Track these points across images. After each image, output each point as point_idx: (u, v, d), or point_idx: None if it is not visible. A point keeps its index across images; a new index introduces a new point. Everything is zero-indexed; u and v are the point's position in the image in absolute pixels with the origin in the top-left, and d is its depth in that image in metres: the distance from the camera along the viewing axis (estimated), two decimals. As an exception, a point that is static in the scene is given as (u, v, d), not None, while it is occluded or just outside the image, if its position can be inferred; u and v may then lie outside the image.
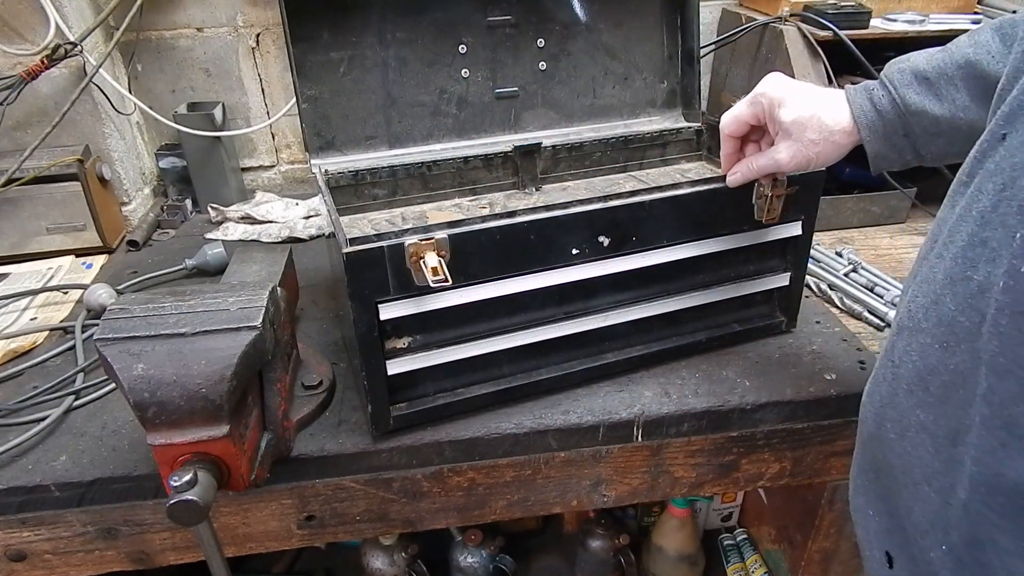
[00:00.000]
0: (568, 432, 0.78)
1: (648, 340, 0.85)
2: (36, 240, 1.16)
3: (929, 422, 0.46)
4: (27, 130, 1.15)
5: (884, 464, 0.52)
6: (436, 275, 0.65)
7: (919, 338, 0.48)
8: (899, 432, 0.50)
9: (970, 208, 0.44)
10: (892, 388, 0.51)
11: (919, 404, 0.47)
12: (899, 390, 0.50)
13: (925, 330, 0.47)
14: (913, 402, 0.48)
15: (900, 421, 0.49)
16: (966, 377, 0.43)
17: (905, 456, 0.49)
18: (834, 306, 1.00)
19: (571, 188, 1.04)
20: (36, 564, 0.76)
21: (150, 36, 1.31)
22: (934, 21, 1.23)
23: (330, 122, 0.93)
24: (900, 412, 0.50)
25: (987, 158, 0.44)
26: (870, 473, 0.56)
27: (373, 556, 1.29)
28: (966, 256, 0.44)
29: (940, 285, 0.46)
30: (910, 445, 0.48)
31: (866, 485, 0.56)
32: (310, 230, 1.24)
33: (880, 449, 0.53)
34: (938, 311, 0.46)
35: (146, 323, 0.60)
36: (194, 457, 0.60)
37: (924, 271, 0.49)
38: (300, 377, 0.81)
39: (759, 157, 0.72)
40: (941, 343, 0.45)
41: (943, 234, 0.48)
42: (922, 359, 0.47)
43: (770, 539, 1.28)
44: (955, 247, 0.45)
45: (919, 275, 0.50)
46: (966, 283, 0.43)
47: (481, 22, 0.95)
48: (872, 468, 0.55)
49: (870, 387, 0.56)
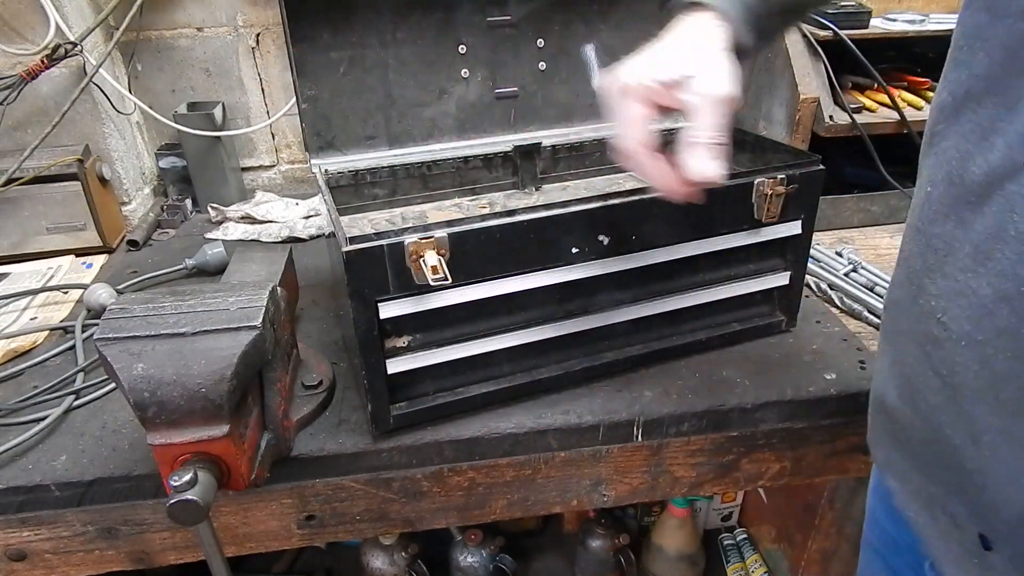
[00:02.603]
0: (568, 432, 0.78)
1: (648, 339, 0.85)
2: (36, 240, 1.16)
3: (1005, 427, 0.46)
4: (27, 130, 1.15)
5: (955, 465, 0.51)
6: (436, 274, 0.65)
7: (976, 349, 0.47)
8: (971, 437, 0.49)
9: (1005, 228, 0.44)
10: (950, 398, 0.50)
11: (992, 412, 0.47)
12: (962, 400, 0.49)
13: (983, 342, 0.46)
14: (985, 410, 0.47)
15: (970, 428, 0.49)
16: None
17: (981, 460, 0.49)
18: (834, 306, 1.00)
19: (571, 188, 1.04)
20: (36, 564, 0.76)
21: (150, 36, 1.31)
22: (934, 21, 1.23)
23: (330, 122, 0.93)
24: (967, 420, 0.49)
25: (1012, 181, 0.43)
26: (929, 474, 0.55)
27: (373, 556, 1.29)
28: (1018, 274, 0.43)
29: (991, 300, 0.45)
30: (987, 449, 0.48)
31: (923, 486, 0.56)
32: (310, 230, 1.24)
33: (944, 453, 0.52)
34: (994, 323, 0.45)
35: (146, 323, 0.60)
36: (194, 457, 0.60)
37: (952, 284, 0.48)
38: (300, 377, 0.81)
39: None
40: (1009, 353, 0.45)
41: (964, 250, 0.47)
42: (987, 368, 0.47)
43: (770, 539, 1.28)
44: (998, 264, 0.44)
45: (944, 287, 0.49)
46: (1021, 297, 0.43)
47: (481, 22, 0.95)
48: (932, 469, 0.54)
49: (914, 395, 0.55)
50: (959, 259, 0.48)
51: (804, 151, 0.84)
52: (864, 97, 1.20)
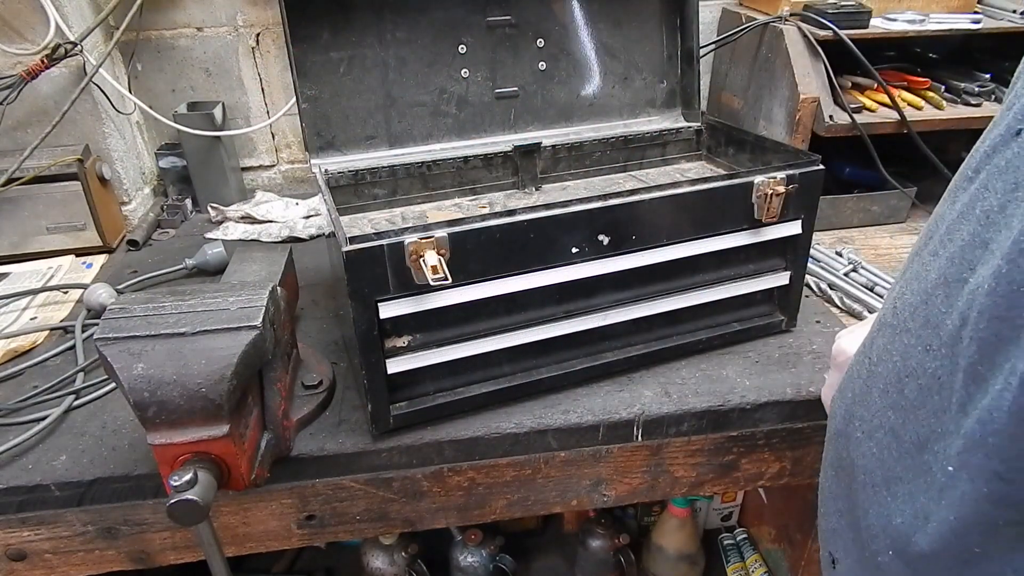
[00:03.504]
0: (568, 432, 0.78)
1: (648, 339, 0.85)
2: (36, 240, 1.16)
3: (899, 425, 0.45)
4: (27, 130, 1.15)
5: (847, 462, 0.51)
6: (436, 273, 0.65)
7: (903, 338, 0.46)
8: (867, 432, 0.48)
9: (973, 206, 0.42)
10: (866, 386, 0.49)
11: (892, 406, 0.46)
12: (874, 389, 0.48)
13: (910, 330, 0.45)
14: (887, 403, 0.46)
15: (870, 421, 0.48)
16: (943, 383, 0.41)
17: (870, 457, 0.47)
18: (834, 306, 1.00)
19: (571, 188, 1.04)
20: (36, 564, 0.76)
21: (150, 36, 1.31)
22: (934, 21, 1.23)
23: (330, 122, 0.93)
24: (871, 412, 0.48)
25: (997, 153, 0.41)
26: (831, 470, 0.54)
27: (373, 556, 1.29)
28: (964, 257, 0.41)
29: (932, 284, 0.43)
30: (876, 447, 0.47)
31: (827, 482, 0.55)
32: (310, 230, 1.24)
33: (846, 447, 0.51)
34: (927, 311, 0.43)
35: (146, 323, 0.60)
36: (194, 457, 0.60)
37: (915, 268, 0.47)
38: (300, 377, 0.81)
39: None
40: (925, 345, 0.43)
41: (940, 230, 0.45)
42: (903, 360, 0.45)
43: (770, 539, 1.28)
44: (953, 246, 0.42)
45: (909, 271, 0.48)
46: (960, 285, 0.41)
47: (481, 22, 0.95)
48: (835, 465, 0.54)
49: (844, 381, 0.54)
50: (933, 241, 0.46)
51: (804, 151, 0.84)
52: (864, 97, 1.20)
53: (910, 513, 0.43)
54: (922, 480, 0.42)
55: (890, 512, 0.45)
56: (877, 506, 0.46)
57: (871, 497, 0.47)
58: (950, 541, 0.40)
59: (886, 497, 0.45)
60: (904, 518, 0.44)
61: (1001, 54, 1.32)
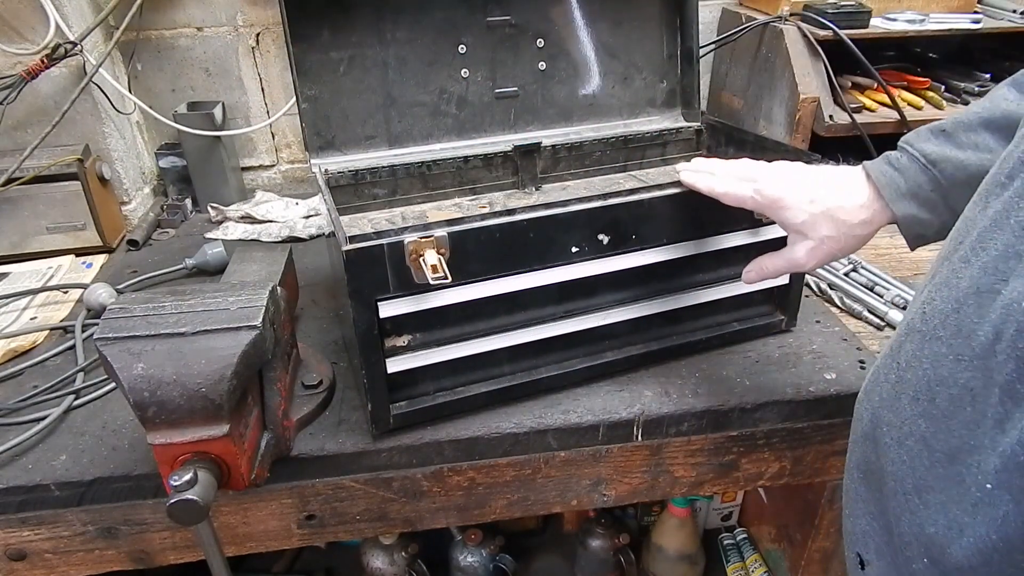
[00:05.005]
0: (568, 432, 0.78)
1: (648, 339, 0.85)
2: (36, 239, 1.16)
3: (929, 435, 0.44)
4: (27, 129, 1.15)
5: (876, 467, 0.51)
6: (436, 273, 0.65)
7: (933, 346, 0.45)
8: (897, 439, 0.48)
9: (1007, 215, 0.41)
10: (895, 392, 0.49)
11: (923, 415, 0.45)
12: (903, 395, 0.48)
13: (941, 338, 0.44)
14: (917, 411, 0.46)
15: (900, 428, 0.48)
16: (976, 396, 0.41)
17: (900, 464, 0.47)
18: (834, 305, 1.00)
19: (571, 187, 1.04)
20: (36, 563, 0.76)
21: (150, 35, 1.31)
22: (934, 20, 1.23)
23: (330, 122, 0.93)
24: (901, 418, 0.48)
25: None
26: (857, 472, 0.54)
27: (373, 555, 1.29)
28: (998, 267, 0.41)
29: (963, 292, 0.43)
30: (907, 455, 0.46)
31: (854, 484, 0.55)
32: (310, 230, 1.24)
33: (874, 451, 0.51)
34: (958, 319, 0.43)
35: (146, 322, 0.60)
36: (194, 456, 0.60)
37: (945, 273, 0.46)
38: (300, 376, 0.81)
39: (775, 258, 0.70)
40: (956, 355, 0.43)
41: (971, 236, 0.44)
42: (933, 368, 0.45)
43: (770, 538, 1.28)
44: (987, 255, 0.42)
45: (938, 276, 0.47)
46: (992, 296, 0.40)
47: (481, 22, 0.95)
48: (863, 468, 0.54)
49: (869, 384, 0.54)
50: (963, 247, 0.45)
51: (804, 151, 0.84)
52: (864, 97, 1.20)
53: (943, 523, 0.43)
54: (954, 491, 0.42)
55: (922, 520, 0.45)
56: (909, 514, 0.46)
57: (902, 504, 0.47)
58: (991, 558, 0.40)
59: (918, 505, 0.45)
60: (937, 528, 0.43)
61: (1001, 54, 1.33)
